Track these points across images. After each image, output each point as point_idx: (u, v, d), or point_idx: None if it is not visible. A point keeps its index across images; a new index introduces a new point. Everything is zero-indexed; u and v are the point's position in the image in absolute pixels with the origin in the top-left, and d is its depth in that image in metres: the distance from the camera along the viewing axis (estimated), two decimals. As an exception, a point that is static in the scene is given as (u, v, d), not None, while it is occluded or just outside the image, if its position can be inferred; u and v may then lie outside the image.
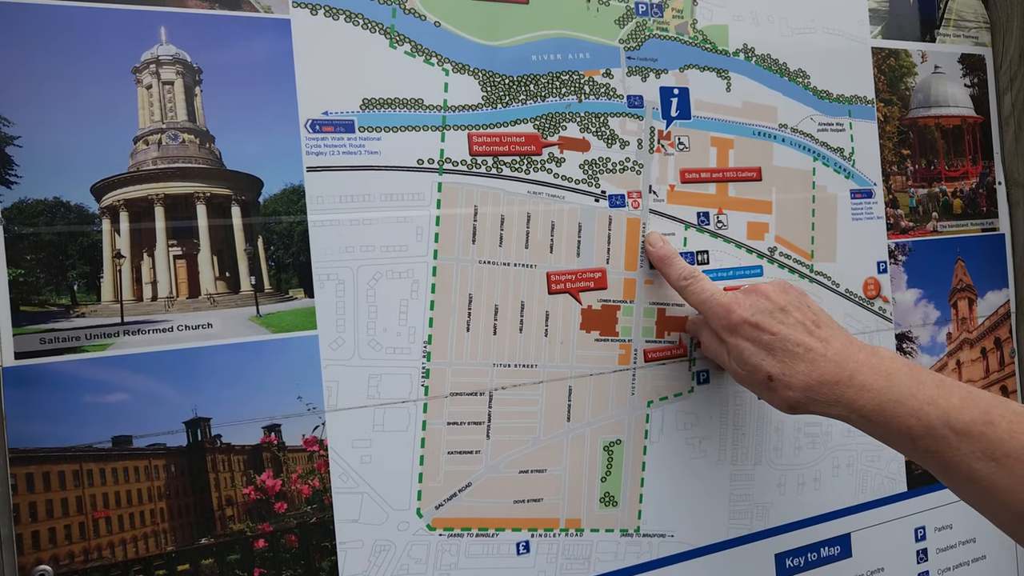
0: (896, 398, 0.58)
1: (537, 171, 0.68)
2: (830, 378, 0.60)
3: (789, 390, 0.62)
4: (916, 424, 0.57)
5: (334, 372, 0.60)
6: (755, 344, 0.63)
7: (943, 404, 0.56)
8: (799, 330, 0.63)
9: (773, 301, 0.64)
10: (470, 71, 0.66)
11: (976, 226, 0.92)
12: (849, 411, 0.60)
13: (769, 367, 0.62)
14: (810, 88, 0.81)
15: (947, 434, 0.55)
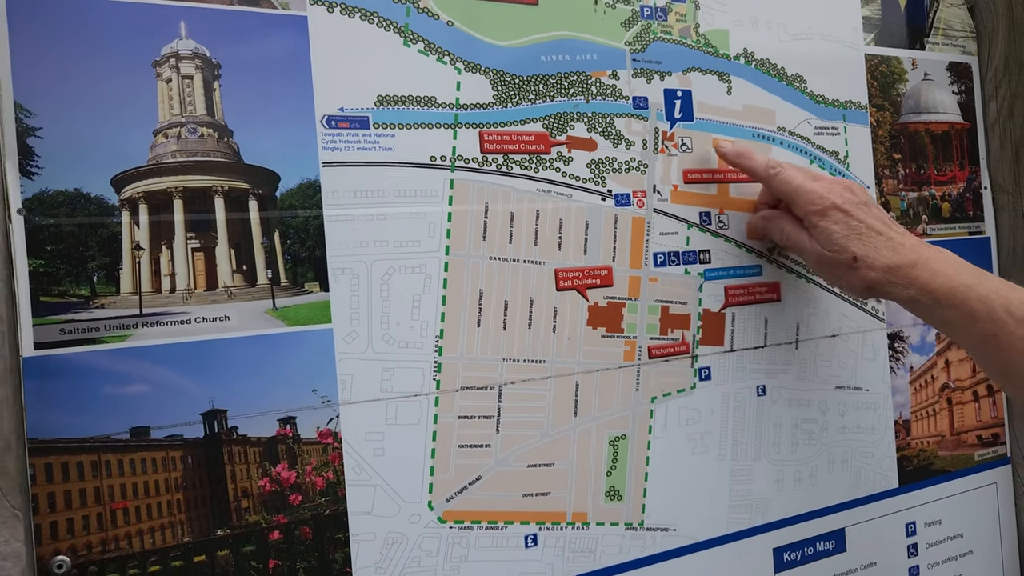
0: (967, 283, 0.65)
1: (546, 169, 0.69)
2: (907, 261, 0.67)
3: (872, 270, 0.68)
4: (981, 308, 0.64)
5: (348, 365, 0.60)
6: (844, 227, 0.69)
7: (1007, 294, 0.64)
8: (880, 223, 0.70)
9: (857, 195, 0.71)
10: (481, 70, 0.67)
11: (963, 229, 0.95)
12: (922, 292, 0.67)
13: (855, 248, 0.68)
14: (807, 92, 0.83)
15: (1006, 319, 0.62)
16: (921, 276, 0.66)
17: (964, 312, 0.64)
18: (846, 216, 0.69)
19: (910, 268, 0.67)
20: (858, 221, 0.69)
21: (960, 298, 0.65)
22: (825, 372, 0.83)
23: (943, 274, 0.66)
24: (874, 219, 0.69)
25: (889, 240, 0.68)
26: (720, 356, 0.77)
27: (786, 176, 0.71)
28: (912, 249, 0.68)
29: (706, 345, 0.76)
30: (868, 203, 0.71)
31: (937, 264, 0.67)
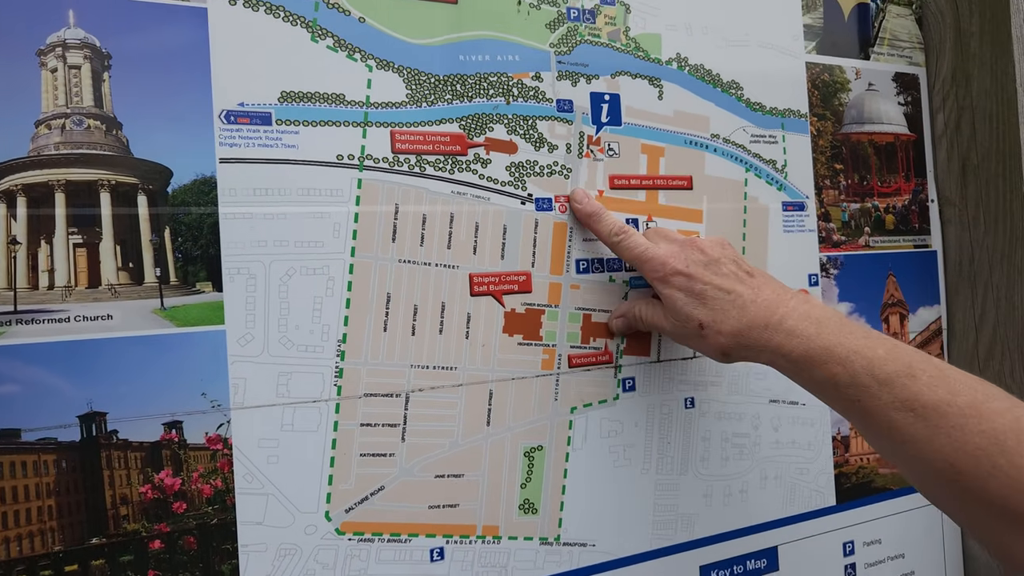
0: (824, 345, 0.59)
1: (462, 171, 0.67)
2: (759, 322, 0.62)
3: (720, 336, 0.63)
4: (841, 372, 0.58)
5: (242, 369, 0.58)
6: (687, 293, 0.65)
7: (869, 354, 0.57)
8: (731, 279, 0.65)
9: (707, 254, 0.66)
10: (394, 68, 0.65)
11: (908, 242, 0.93)
12: (777, 356, 0.62)
13: (700, 315, 0.64)
14: (743, 100, 0.82)
15: (870, 383, 0.56)
16: (775, 338, 0.61)
17: (824, 377, 0.59)
18: (689, 280, 0.65)
19: (762, 330, 0.62)
20: (703, 284, 0.64)
21: (818, 362, 0.59)
22: (759, 385, 0.81)
23: (800, 335, 0.60)
24: (723, 277, 0.65)
25: (739, 299, 0.63)
26: (646, 367, 0.75)
27: (629, 243, 0.68)
28: (765, 307, 0.62)
29: (631, 355, 0.74)
30: (720, 260, 0.65)
31: (794, 323, 0.61)
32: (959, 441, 0.53)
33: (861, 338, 0.59)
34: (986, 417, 0.53)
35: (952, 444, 0.53)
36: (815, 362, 0.59)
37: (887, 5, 0.94)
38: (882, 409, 0.56)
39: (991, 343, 0.92)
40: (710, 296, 0.64)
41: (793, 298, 0.63)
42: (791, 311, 0.62)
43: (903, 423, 0.55)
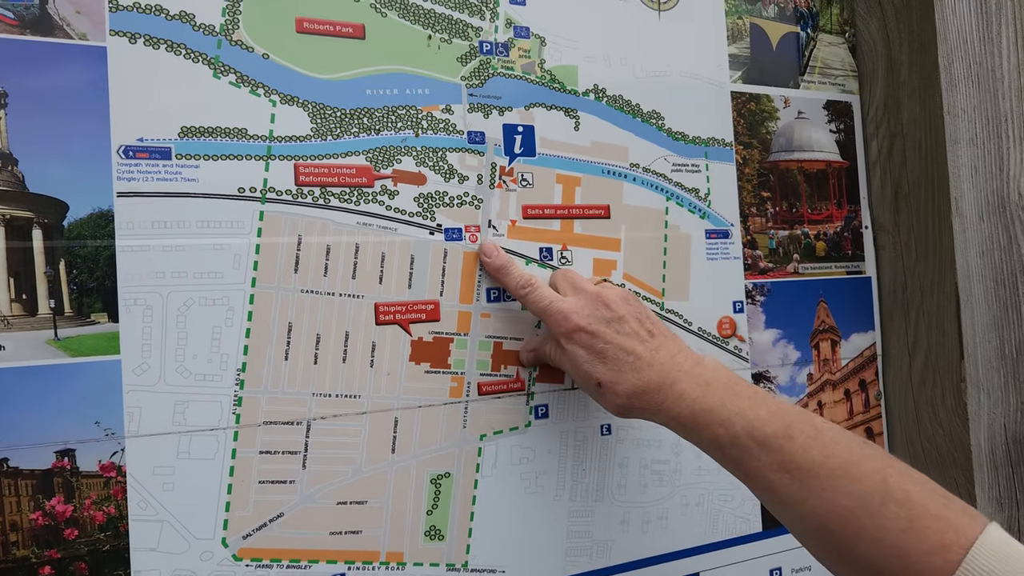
0: (709, 407, 0.61)
1: (368, 203, 0.69)
2: (652, 385, 0.63)
3: (616, 396, 0.64)
4: (723, 434, 0.59)
5: (137, 398, 0.60)
6: (588, 351, 0.65)
7: (750, 416, 0.59)
8: (632, 339, 0.65)
9: (612, 310, 0.66)
10: (299, 103, 0.67)
11: (841, 268, 0.94)
12: (667, 418, 0.63)
13: (599, 374, 0.65)
14: (664, 129, 0.83)
15: (749, 444, 0.58)
16: (666, 401, 0.62)
17: (709, 439, 0.61)
18: (591, 338, 0.65)
19: (655, 392, 0.63)
20: (605, 342, 0.65)
21: (703, 424, 0.61)
22: (679, 412, 0.81)
23: (688, 397, 0.62)
24: (625, 337, 0.65)
25: (637, 361, 0.64)
26: (560, 394, 0.76)
27: (535, 296, 0.69)
28: (660, 371, 0.63)
29: (544, 383, 0.75)
30: (625, 317, 0.65)
31: (684, 385, 0.62)
32: (829, 503, 0.54)
33: (745, 399, 0.60)
34: (855, 478, 0.54)
35: (823, 505, 0.54)
36: (700, 424, 0.61)
37: (818, 34, 0.95)
38: (761, 470, 0.57)
39: (923, 369, 0.93)
40: (610, 356, 0.64)
41: (688, 360, 0.64)
42: (683, 374, 0.63)
43: (780, 484, 0.56)
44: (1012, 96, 0.86)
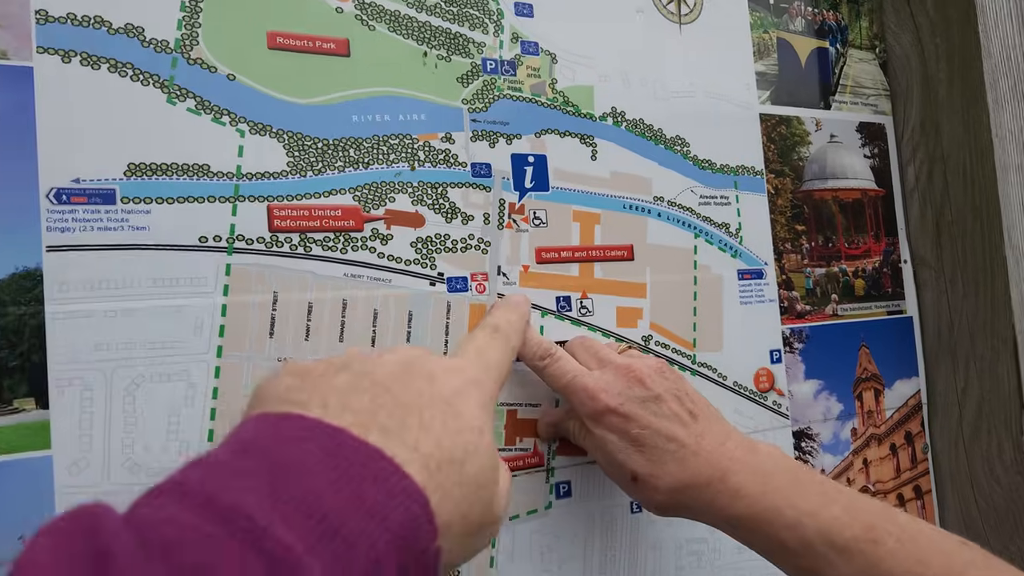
0: (772, 506, 0.51)
1: (357, 250, 0.57)
2: (700, 479, 0.53)
3: (656, 492, 0.54)
4: (792, 538, 0.49)
5: (74, 503, 0.47)
6: (622, 437, 0.55)
7: (824, 515, 0.49)
8: (673, 423, 0.55)
9: (647, 387, 0.55)
10: (272, 132, 0.55)
11: (881, 308, 0.84)
12: (720, 519, 0.53)
13: (635, 465, 0.54)
14: (689, 157, 0.73)
15: (826, 552, 0.48)
16: (718, 499, 0.52)
17: (774, 544, 0.51)
18: (624, 421, 0.54)
19: (703, 487, 0.52)
20: (641, 427, 0.54)
21: (765, 526, 0.51)
22: (716, 481, 0.71)
23: (746, 495, 0.51)
24: (664, 420, 0.54)
25: (681, 449, 0.53)
26: (583, 468, 0.65)
27: (555, 369, 0.57)
28: (708, 461, 0.53)
29: (565, 455, 0.64)
30: (662, 396, 0.55)
31: (740, 478, 0.52)
32: None
33: (815, 494, 0.51)
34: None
35: None
36: (762, 526, 0.51)
37: (848, 50, 0.86)
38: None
39: (976, 420, 0.83)
40: (648, 443, 0.54)
41: (740, 447, 0.54)
42: (737, 464, 0.53)
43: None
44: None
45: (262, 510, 0.27)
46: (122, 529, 0.26)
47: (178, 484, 0.29)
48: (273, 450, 0.31)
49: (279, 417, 0.33)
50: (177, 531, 0.26)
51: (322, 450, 0.31)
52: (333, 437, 0.32)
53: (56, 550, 0.25)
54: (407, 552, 0.30)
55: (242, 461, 0.30)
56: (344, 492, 0.30)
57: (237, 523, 0.27)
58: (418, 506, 0.31)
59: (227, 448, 0.31)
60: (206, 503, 0.27)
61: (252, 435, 0.32)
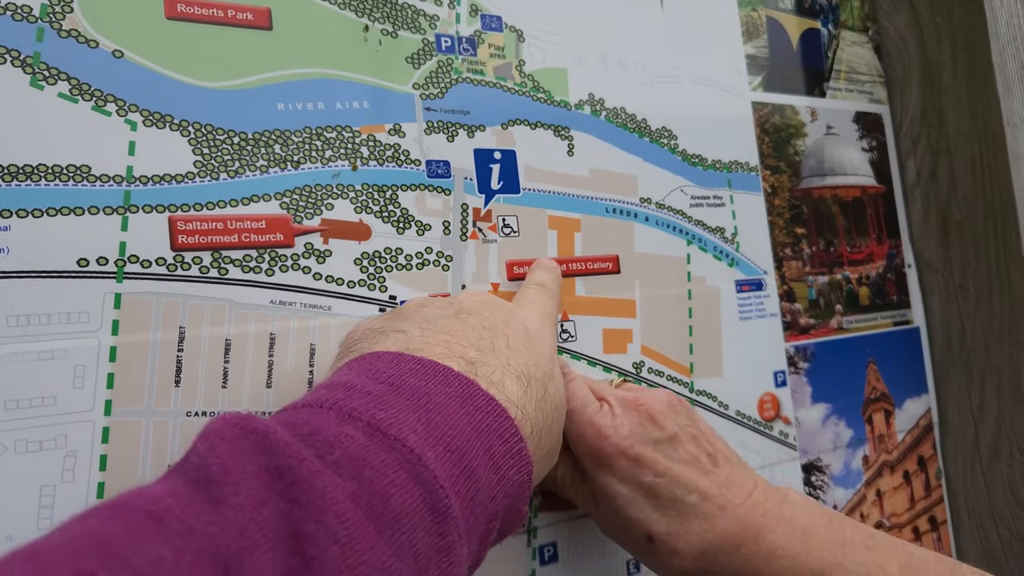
0: (818, 568, 0.42)
1: (286, 271, 0.46)
2: (730, 539, 0.43)
3: (676, 556, 0.44)
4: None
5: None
6: (633, 488, 0.45)
7: (875, 571, 0.42)
8: (692, 469, 0.45)
9: (660, 426, 0.46)
10: (174, 124, 0.44)
11: (887, 319, 0.75)
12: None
13: (651, 523, 0.44)
14: (678, 152, 0.63)
15: None
16: (751, 562, 0.43)
17: None
18: (636, 466, 0.44)
19: (733, 549, 0.43)
20: (656, 475, 0.44)
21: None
22: (722, 528, 0.61)
23: (785, 555, 0.42)
24: (682, 466, 0.45)
25: (704, 502, 0.44)
26: (571, 526, 0.54)
27: (568, 391, 0.46)
28: (736, 517, 0.43)
29: (550, 511, 0.53)
30: (678, 436, 0.46)
31: (776, 538, 0.43)
32: None
33: (862, 549, 0.42)
34: None
35: None
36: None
37: (840, 31, 0.77)
38: None
39: (995, 440, 0.74)
40: (664, 495, 0.44)
41: (768, 497, 0.45)
42: (769, 520, 0.43)
43: None
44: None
45: (420, 446, 0.30)
46: (295, 442, 0.27)
47: (342, 406, 0.30)
48: (421, 391, 0.32)
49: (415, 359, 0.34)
50: (359, 450, 0.28)
51: (459, 398, 0.33)
52: (466, 387, 0.34)
53: (239, 459, 0.26)
54: (511, 507, 0.34)
55: (396, 396, 0.32)
56: (480, 443, 0.32)
57: (402, 453, 0.29)
58: (527, 470, 0.34)
59: (372, 379, 0.32)
60: (375, 430, 0.29)
61: (397, 372, 0.33)
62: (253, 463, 0.26)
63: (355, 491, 0.27)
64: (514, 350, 0.38)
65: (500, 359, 0.37)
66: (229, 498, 0.25)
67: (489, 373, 0.36)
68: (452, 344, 0.36)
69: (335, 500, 0.26)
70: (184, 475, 0.26)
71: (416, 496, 0.28)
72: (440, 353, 0.35)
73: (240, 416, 0.28)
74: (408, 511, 0.28)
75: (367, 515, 0.26)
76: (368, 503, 0.27)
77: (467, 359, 0.36)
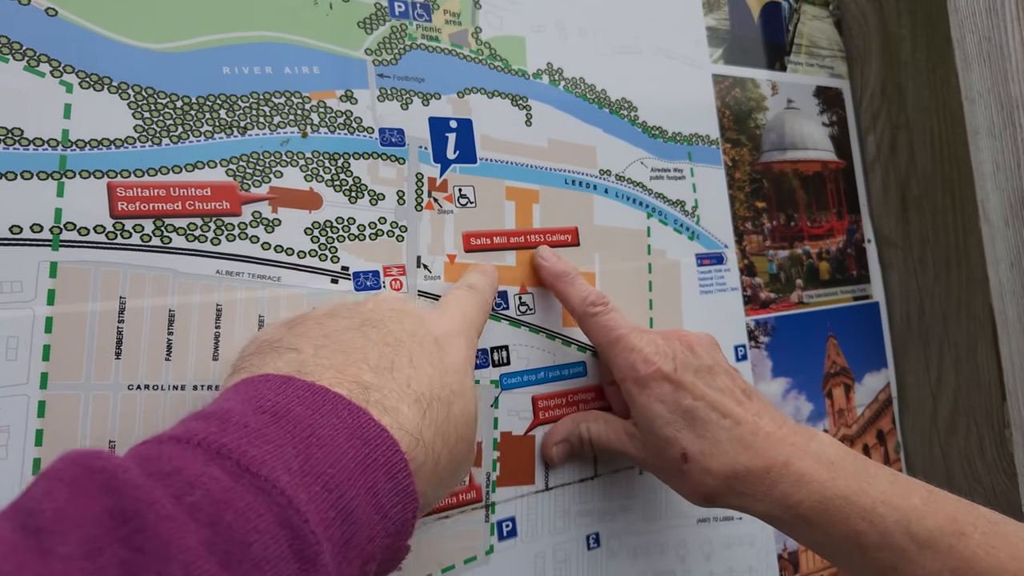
0: (843, 493, 0.44)
1: (233, 240, 0.44)
2: (760, 463, 0.46)
3: (708, 475, 0.47)
4: (869, 529, 0.43)
5: None
6: (671, 408, 0.48)
7: (902, 505, 0.43)
8: (728, 397, 0.49)
9: (699, 356, 0.50)
10: (112, 86, 0.42)
11: (847, 294, 0.75)
12: (782, 509, 0.45)
13: (686, 441, 0.47)
14: (638, 123, 0.62)
15: (908, 545, 0.42)
16: (780, 485, 0.45)
17: (845, 536, 0.44)
18: (676, 390, 0.48)
19: (763, 473, 0.45)
20: (694, 398, 0.47)
21: (836, 516, 0.44)
22: (682, 502, 0.60)
23: (812, 480, 0.45)
24: (719, 393, 0.48)
25: (737, 426, 0.47)
26: (529, 499, 0.53)
27: (609, 320, 0.51)
28: (767, 443, 0.46)
29: (507, 486, 0.52)
30: (714, 368, 0.49)
31: (804, 464, 0.45)
32: None
33: (887, 483, 0.44)
34: None
35: None
36: (831, 516, 0.44)
37: (801, 5, 0.76)
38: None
39: (952, 413, 0.75)
40: (701, 417, 0.47)
41: (796, 432, 0.48)
42: (797, 450, 0.46)
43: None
44: (1021, 79, 0.70)
45: (293, 487, 0.27)
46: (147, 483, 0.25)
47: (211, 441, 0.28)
48: (305, 423, 0.30)
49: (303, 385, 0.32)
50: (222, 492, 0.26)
51: (347, 429, 0.31)
52: (356, 417, 0.32)
53: (79, 503, 0.24)
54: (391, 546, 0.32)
55: (276, 429, 0.30)
56: (363, 481, 0.30)
57: (271, 495, 0.27)
58: (413, 508, 0.33)
59: (253, 408, 0.30)
60: (243, 470, 0.27)
61: (283, 400, 0.31)
62: (95, 507, 0.24)
63: (210, 538, 0.24)
64: (417, 367, 0.36)
65: (399, 381, 0.35)
66: (58, 547, 0.22)
67: (382, 399, 0.33)
68: (347, 366, 0.34)
69: (183, 548, 0.23)
70: (12, 520, 0.23)
71: (282, 542, 0.26)
72: (331, 378, 0.33)
73: (87, 454, 0.25)
74: (270, 558, 0.25)
75: (222, 564, 0.24)
76: (224, 551, 0.24)
77: (361, 383, 0.33)
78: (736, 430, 0.47)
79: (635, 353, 0.49)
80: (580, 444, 0.53)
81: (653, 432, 0.49)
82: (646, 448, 0.50)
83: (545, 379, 0.55)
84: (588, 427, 0.53)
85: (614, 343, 0.50)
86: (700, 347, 0.51)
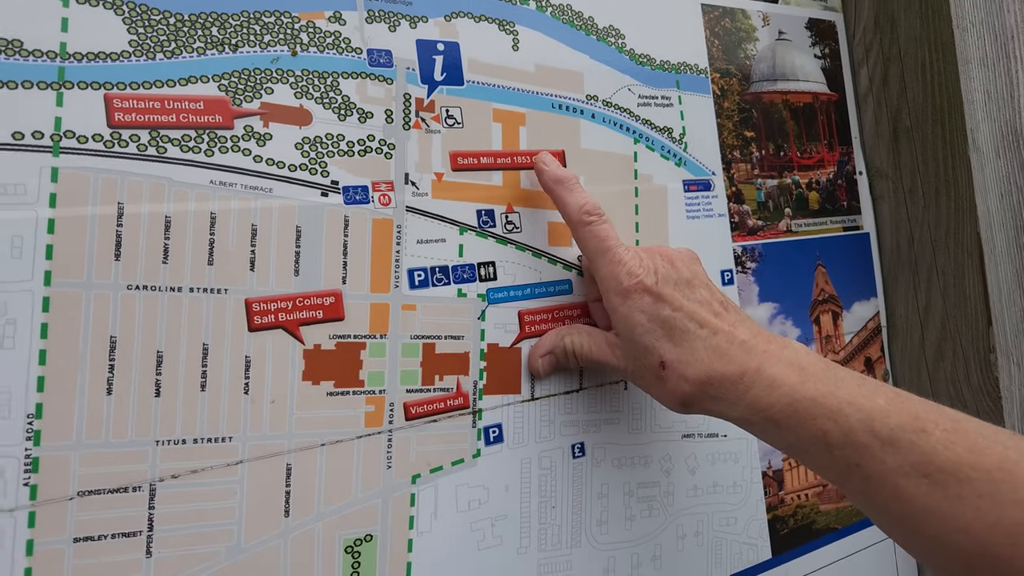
0: (811, 396, 0.46)
1: (226, 152, 0.46)
2: (734, 369, 0.48)
3: (684, 381, 0.49)
4: (833, 428, 0.45)
5: None
6: (651, 318, 0.50)
7: (866, 405, 0.45)
8: (705, 309, 0.51)
9: (678, 270, 0.52)
10: (107, 3, 0.44)
11: (837, 224, 0.76)
12: (752, 412, 0.48)
13: (663, 350, 0.50)
14: (625, 51, 0.63)
15: (870, 442, 0.44)
16: (752, 390, 0.48)
17: (812, 436, 0.46)
18: (657, 302, 0.50)
19: (736, 379, 0.48)
20: (673, 309, 0.50)
21: (804, 417, 0.46)
22: (667, 418, 0.63)
23: (782, 384, 0.47)
24: (697, 304, 0.51)
25: (713, 336, 0.49)
26: (516, 408, 0.56)
27: (602, 231, 0.53)
28: (742, 351, 0.49)
29: (494, 394, 0.55)
30: (693, 282, 0.52)
31: (775, 370, 0.48)
32: (991, 515, 0.40)
33: (854, 386, 0.46)
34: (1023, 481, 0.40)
35: (982, 519, 0.40)
36: (800, 417, 0.46)
37: (794, -63, 0.77)
38: (887, 475, 0.43)
39: (940, 340, 0.76)
40: (679, 327, 0.50)
41: (771, 341, 0.50)
42: (770, 357, 0.48)
43: (915, 493, 0.43)
44: (1016, 8, 0.70)
45: None
46: None
47: None
48: None
49: None
50: None
51: None
52: None
53: None
54: None
55: None
56: None
57: None
58: None
59: None
60: None
61: None
62: None
63: None
64: None
65: None
66: None
67: None
68: None
69: None
70: None
71: None
72: None
73: None
74: None
75: None
76: None
77: None
78: (712, 339, 0.49)
79: (620, 266, 0.51)
80: (565, 356, 0.55)
81: (633, 341, 0.51)
82: (626, 357, 0.52)
83: (531, 295, 0.57)
84: (572, 340, 0.55)
85: (603, 253, 0.52)
86: (680, 261, 0.53)
